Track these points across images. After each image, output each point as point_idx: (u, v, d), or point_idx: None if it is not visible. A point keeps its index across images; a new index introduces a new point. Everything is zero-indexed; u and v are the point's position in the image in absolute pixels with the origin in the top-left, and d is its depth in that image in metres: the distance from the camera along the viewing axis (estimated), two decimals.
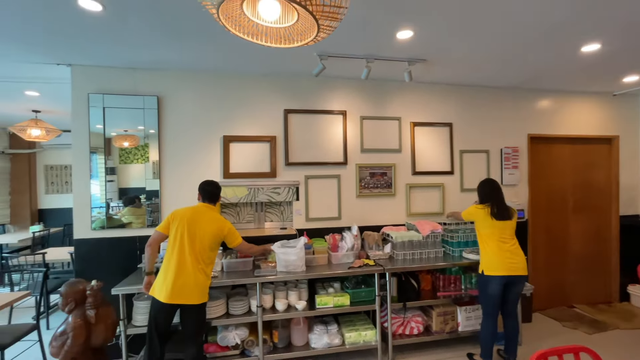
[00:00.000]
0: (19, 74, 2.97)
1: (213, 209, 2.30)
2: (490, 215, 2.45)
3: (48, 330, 3.35)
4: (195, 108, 2.99)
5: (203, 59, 2.71)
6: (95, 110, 2.79)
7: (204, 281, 2.15)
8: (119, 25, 2.10)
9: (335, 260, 2.79)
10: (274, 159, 3.10)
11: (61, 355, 2.10)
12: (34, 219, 5.85)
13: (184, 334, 2.18)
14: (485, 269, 2.46)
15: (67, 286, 2.22)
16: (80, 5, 1.84)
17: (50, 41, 2.31)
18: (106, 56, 2.61)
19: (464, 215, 2.68)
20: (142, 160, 2.94)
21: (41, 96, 3.70)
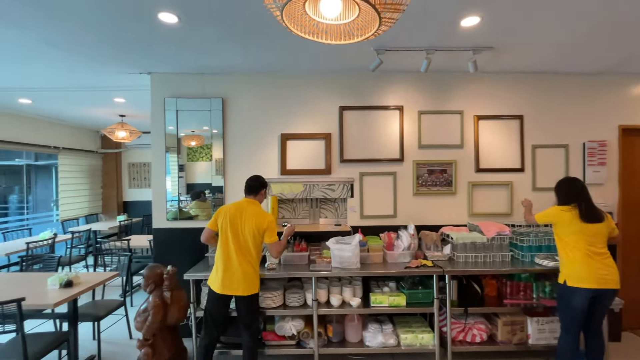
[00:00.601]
0: (110, 84, 3.43)
1: (255, 203, 2.37)
2: (580, 218, 2.15)
3: (132, 307, 3.83)
4: (255, 108, 3.15)
5: (263, 61, 2.84)
6: (169, 113, 3.10)
7: (251, 273, 2.25)
8: (191, 34, 2.29)
9: (391, 259, 2.73)
10: (329, 156, 3.13)
11: (144, 329, 2.39)
12: (120, 209, 6.71)
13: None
14: (569, 279, 2.18)
15: (148, 269, 2.51)
16: (160, 19, 2.05)
17: (135, 53, 2.61)
18: (179, 64, 2.87)
19: (540, 218, 2.38)
20: (207, 159, 3.18)
21: (126, 102, 4.22)
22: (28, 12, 1.96)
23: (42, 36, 2.29)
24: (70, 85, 3.46)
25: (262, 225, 2.27)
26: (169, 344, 2.46)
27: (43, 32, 2.22)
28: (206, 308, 2.35)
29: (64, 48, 2.50)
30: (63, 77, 3.21)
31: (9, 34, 2.25)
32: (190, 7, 1.92)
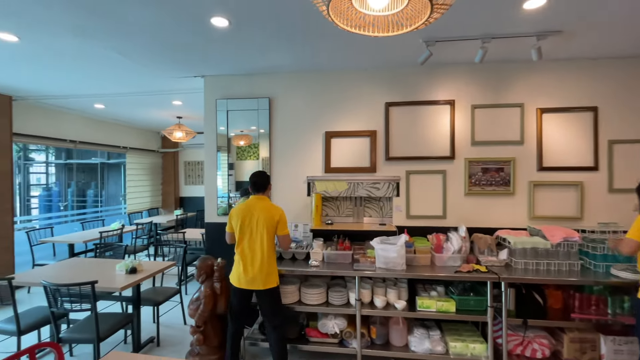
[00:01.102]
0: (169, 88, 3.70)
1: (264, 199, 2.37)
2: None
3: (186, 295, 4.12)
4: (300, 106, 3.19)
5: (309, 60, 2.86)
6: (220, 114, 3.26)
7: (267, 268, 2.27)
8: (241, 36, 2.38)
9: (439, 262, 2.59)
10: (374, 154, 3.06)
11: (196, 316, 2.54)
12: (177, 204, 7.26)
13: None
14: None
15: (200, 261, 2.67)
16: (212, 23, 2.16)
17: (191, 57, 2.79)
18: (230, 66, 3.01)
19: (635, 234, 1.90)
20: (254, 157, 3.30)
21: (183, 104, 4.53)
22: (101, 25, 2.19)
23: (113, 46, 2.54)
24: (137, 90, 3.81)
25: (275, 218, 2.30)
26: (218, 332, 2.60)
27: (114, 42, 2.47)
28: (230, 301, 2.44)
29: (131, 56, 2.75)
30: (131, 83, 3.55)
31: (86, 46, 2.53)
32: (240, 10, 2.00)
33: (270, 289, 2.31)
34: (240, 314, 2.41)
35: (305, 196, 3.17)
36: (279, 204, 3.19)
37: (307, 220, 3.15)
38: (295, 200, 3.19)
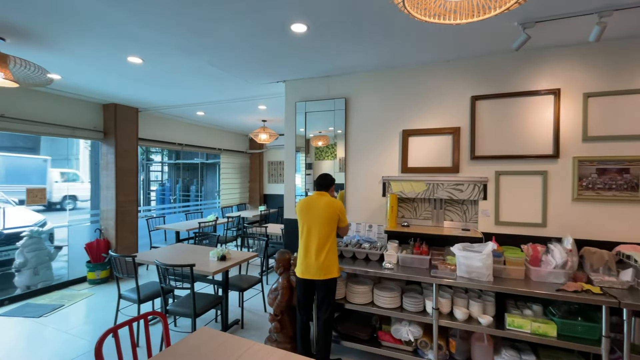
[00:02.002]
0: (255, 94, 4.05)
1: (325, 194, 2.51)
2: None
3: (267, 284, 4.45)
4: (376, 105, 3.14)
5: (386, 57, 2.79)
6: (299, 116, 3.43)
7: (327, 259, 2.36)
8: (318, 40, 2.46)
9: (536, 277, 2.25)
10: (456, 153, 2.82)
11: (274, 305, 2.72)
12: (261, 201, 7.90)
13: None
14: None
15: (279, 254, 2.84)
16: (292, 30, 2.29)
17: (273, 65, 3.00)
18: (308, 69, 3.13)
19: None
20: (331, 157, 3.36)
21: (267, 109, 4.91)
22: (201, 43, 2.52)
23: (211, 60, 2.89)
24: (229, 98, 4.28)
25: (336, 211, 2.42)
26: (294, 322, 2.73)
27: (211, 57, 2.81)
28: (297, 292, 2.55)
29: (224, 68, 3.10)
30: (225, 92, 4.00)
31: (188, 62, 2.95)
32: (317, 14, 2.06)
33: (329, 279, 2.39)
34: (306, 304, 2.51)
35: (380, 196, 3.10)
36: (353, 203, 3.20)
37: (381, 221, 3.08)
38: (370, 201, 3.15)
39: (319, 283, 2.41)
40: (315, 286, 2.45)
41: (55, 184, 9.82)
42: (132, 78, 3.43)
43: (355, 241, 2.96)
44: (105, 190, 4.67)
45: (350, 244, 2.91)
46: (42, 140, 19.07)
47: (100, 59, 2.86)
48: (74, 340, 2.99)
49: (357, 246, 2.87)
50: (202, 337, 1.63)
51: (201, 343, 1.58)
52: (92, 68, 3.11)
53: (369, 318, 2.83)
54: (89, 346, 2.87)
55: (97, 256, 4.47)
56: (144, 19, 2.14)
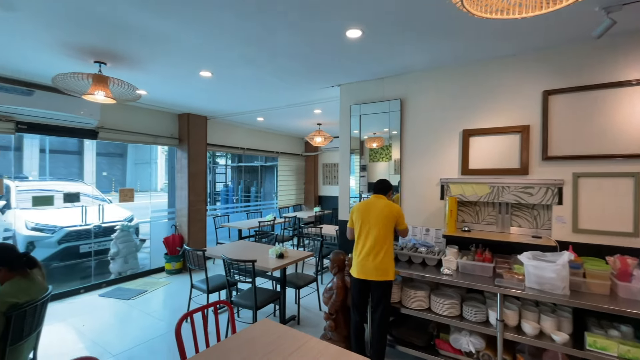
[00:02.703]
0: (311, 99, 4.20)
1: (383, 197, 2.53)
2: None
3: (322, 284, 4.55)
4: (433, 105, 3.04)
5: (444, 56, 2.70)
6: (354, 119, 3.47)
7: (383, 261, 2.36)
8: (373, 43, 2.48)
9: (625, 294, 1.97)
10: (525, 153, 2.60)
11: (329, 304, 2.80)
12: (316, 202, 8.09)
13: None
14: None
15: (334, 255, 2.91)
16: (347, 36, 2.34)
17: (329, 70, 3.09)
18: (362, 72, 3.16)
19: None
20: (386, 159, 3.34)
21: (322, 112, 5.04)
22: (262, 55, 2.71)
23: (270, 70, 3.09)
24: (287, 104, 4.50)
25: (394, 214, 2.43)
26: (348, 322, 2.77)
27: (270, 67, 3.00)
28: (351, 292, 2.57)
29: (282, 77, 3.28)
30: (282, 99, 4.22)
31: (250, 73, 3.18)
32: (372, 18, 2.09)
33: (385, 281, 2.38)
34: (360, 304, 2.52)
35: (438, 199, 2.99)
36: (409, 206, 3.13)
37: (439, 225, 2.97)
38: (427, 204, 3.05)
39: (374, 284, 2.42)
40: (370, 287, 2.46)
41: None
42: (203, 90, 3.81)
43: (411, 245, 2.90)
44: (180, 190, 5.23)
45: (405, 248, 2.86)
46: (128, 147, 21.83)
47: (177, 75, 3.25)
48: (155, 321, 3.42)
49: (413, 250, 2.81)
50: (263, 328, 1.76)
51: (263, 333, 1.71)
52: (171, 83, 3.54)
53: (426, 324, 2.75)
54: (166, 328, 3.26)
55: (172, 249, 5.03)
56: (214, 37, 2.38)
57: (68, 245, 4.88)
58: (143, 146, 21.54)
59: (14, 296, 1.74)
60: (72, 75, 2.60)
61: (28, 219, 4.86)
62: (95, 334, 3.14)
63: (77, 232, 4.94)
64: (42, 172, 17.66)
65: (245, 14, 2.04)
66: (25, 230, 4.73)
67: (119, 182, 21.21)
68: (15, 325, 1.72)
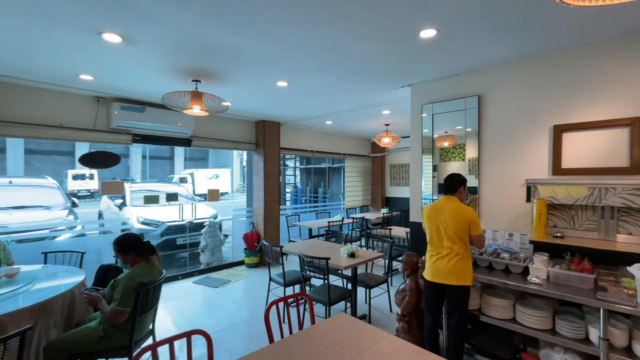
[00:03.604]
0: (379, 100, 4.21)
1: (453, 199, 2.41)
2: None
3: (392, 286, 4.52)
4: (516, 100, 2.81)
5: (526, 47, 2.48)
6: (425, 118, 3.39)
7: (457, 265, 2.28)
8: (448, 41, 2.41)
9: None
10: (636, 149, 2.25)
11: (402, 306, 2.79)
12: (383, 203, 8.01)
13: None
14: None
15: (406, 256, 2.89)
16: (421, 36, 2.33)
17: (399, 71, 3.08)
18: (435, 71, 3.08)
19: None
20: (459, 158, 3.18)
21: (391, 113, 5.00)
22: (334, 61, 2.84)
23: (341, 75, 3.21)
24: (355, 106, 4.59)
25: (465, 219, 2.30)
26: (422, 325, 2.73)
27: (341, 72, 3.12)
28: (425, 295, 2.52)
29: (353, 80, 3.37)
30: (351, 102, 4.32)
31: (322, 79, 3.34)
32: (449, 16, 2.05)
33: (460, 286, 2.29)
34: (433, 307, 2.46)
35: (523, 202, 2.75)
36: (488, 209, 2.95)
37: (524, 229, 2.73)
38: (509, 206, 2.83)
39: (448, 288, 2.35)
40: (444, 291, 2.40)
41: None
42: (279, 98, 4.12)
43: (491, 250, 2.73)
44: (257, 191, 5.70)
45: (485, 253, 2.70)
46: (209, 152, 24.33)
47: (257, 86, 3.58)
48: (238, 308, 3.81)
49: (494, 255, 2.64)
50: (341, 321, 1.87)
51: (340, 326, 1.81)
52: (251, 94, 3.91)
53: (509, 335, 2.55)
54: (248, 315, 3.61)
55: (251, 245, 5.50)
56: (291, 50, 2.58)
57: (168, 237, 5.72)
58: (221, 151, 23.77)
59: (141, 276, 2.15)
60: (176, 94, 3.08)
61: (138, 214, 5.83)
62: (192, 315, 3.64)
63: (174, 226, 5.76)
64: (144, 175, 20.76)
65: (320, 26, 2.18)
66: (136, 224, 5.68)
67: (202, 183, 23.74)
68: (142, 300, 2.12)
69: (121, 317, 2.05)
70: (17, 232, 4.40)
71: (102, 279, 2.86)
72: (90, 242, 4.85)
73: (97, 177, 17.29)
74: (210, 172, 19.02)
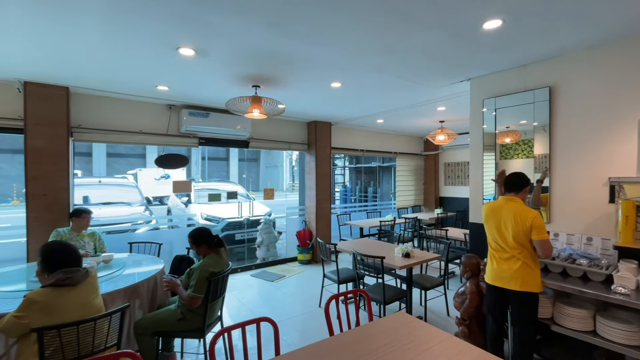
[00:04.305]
0: (435, 96, 4.07)
1: (515, 200, 2.24)
2: None
3: (448, 289, 4.34)
4: (596, 90, 2.53)
5: (606, 31, 2.22)
6: (486, 113, 3.20)
7: (522, 269, 2.13)
8: (515, 31, 2.27)
9: None
10: None
11: (461, 309, 2.68)
12: (437, 203, 7.69)
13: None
14: None
15: (466, 258, 2.78)
16: (483, 28, 2.22)
17: (458, 65, 2.96)
18: (498, 63, 2.90)
19: None
20: (523, 155, 2.96)
21: (446, 109, 4.80)
22: (388, 60, 2.83)
23: (396, 73, 3.18)
24: (408, 104, 4.49)
25: (526, 223, 2.11)
26: (484, 331, 2.60)
27: (397, 70, 3.09)
28: (487, 299, 2.39)
29: (408, 78, 3.32)
30: (404, 99, 4.24)
31: (377, 78, 3.34)
32: (516, 4, 1.93)
33: (526, 292, 2.13)
34: (496, 314, 2.33)
35: (606, 203, 2.47)
36: (562, 210, 2.72)
37: (606, 233, 2.45)
38: (588, 208, 2.56)
39: (512, 294, 2.20)
40: (507, 296, 2.26)
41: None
42: (331, 99, 4.20)
43: (566, 255, 2.50)
44: (309, 190, 5.87)
45: (558, 258, 2.48)
46: (261, 152, 25.33)
47: (311, 88, 3.70)
48: (293, 303, 3.97)
49: (569, 261, 2.41)
50: (400, 320, 1.87)
51: (399, 325, 1.81)
52: (304, 96, 4.05)
53: (588, 349, 2.32)
54: (302, 310, 3.74)
55: (303, 242, 5.68)
56: (347, 52, 2.63)
57: (228, 233, 6.14)
58: (271, 152, 24.73)
59: (212, 266, 2.37)
60: (238, 99, 3.31)
61: (202, 211, 6.35)
62: (251, 305, 3.89)
63: (233, 222, 6.17)
64: (203, 175, 22.46)
65: (381, 26, 2.19)
66: (200, 220, 6.19)
67: (254, 182, 24.95)
68: (212, 288, 2.34)
69: (196, 302, 2.28)
70: (106, 225, 5.08)
71: (176, 267, 3.20)
72: (162, 235, 5.42)
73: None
74: (158, 172, 14.75)
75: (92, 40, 2.41)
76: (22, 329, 1.55)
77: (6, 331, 1.58)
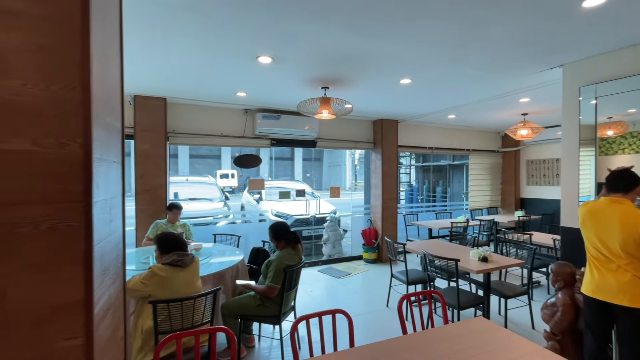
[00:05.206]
0: (517, 87, 3.71)
1: (621, 201, 1.90)
2: None
3: (532, 300, 3.92)
4: None
5: None
6: (584, 102, 2.81)
7: (634, 282, 1.82)
8: (623, 6, 1.96)
9: None
10: None
11: (551, 323, 2.42)
12: (517, 205, 6.96)
13: None
14: None
15: (557, 266, 2.49)
16: (584, 6, 1.96)
17: (549, 50, 2.66)
18: (600, 44, 2.53)
19: None
20: (631, 150, 2.52)
21: (530, 101, 4.33)
22: (463, 52, 2.67)
23: (472, 64, 2.99)
24: (484, 97, 4.17)
25: (638, 227, 1.79)
26: (579, 349, 2.30)
27: (472, 61, 2.90)
28: (584, 313, 2.08)
29: (487, 69, 3.09)
30: (480, 92, 3.95)
31: (450, 71, 3.18)
32: None
33: (635, 309, 1.83)
34: (595, 331, 2.04)
35: None
36: None
37: None
38: None
39: (619, 310, 1.90)
40: (612, 312, 1.96)
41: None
42: (399, 96, 4.12)
43: None
44: (374, 189, 5.83)
45: None
46: (324, 152, 25.88)
47: (378, 85, 3.68)
48: (359, 299, 4.00)
49: None
50: (479, 325, 1.77)
51: (479, 330, 1.72)
52: (372, 94, 4.04)
53: None
54: (368, 308, 3.74)
55: (369, 241, 5.67)
56: (420, 46, 2.57)
57: (295, 229, 6.41)
58: (335, 151, 25.03)
59: (288, 260, 2.54)
60: (308, 101, 3.47)
61: (272, 207, 6.76)
62: (320, 299, 4.03)
63: (301, 219, 6.44)
64: (271, 174, 23.77)
65: (460, 16, 2.10)
66: (271, 216, 6.60)
67: (318, 181, 25.57)
68: (288, 279, 2.50)
69: (273, 292, 2.47)
70: (192, 218, 5.74)
71: (253, 258, 3.50)
72: (238, 228, 5.93)
73: (237, 176, 20.81)
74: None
75: (187, 57, 2.78)
76: (141, 292, 1.93)
77: (130, 291, 1.94)
